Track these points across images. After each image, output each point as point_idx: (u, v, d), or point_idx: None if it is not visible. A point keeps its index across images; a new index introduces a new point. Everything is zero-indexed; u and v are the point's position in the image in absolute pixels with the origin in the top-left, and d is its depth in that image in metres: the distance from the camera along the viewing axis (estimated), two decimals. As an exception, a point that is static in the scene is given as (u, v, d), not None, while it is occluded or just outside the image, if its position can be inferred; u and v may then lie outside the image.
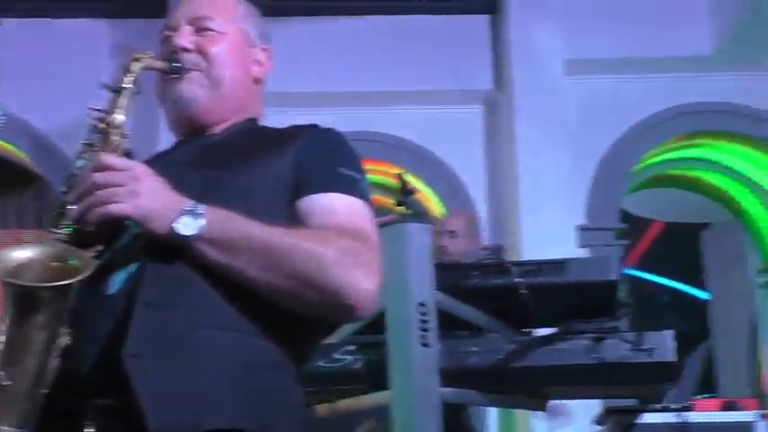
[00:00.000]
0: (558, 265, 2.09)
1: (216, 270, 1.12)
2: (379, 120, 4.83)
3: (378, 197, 4.11)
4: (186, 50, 1.32)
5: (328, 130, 1.32)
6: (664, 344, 2.12)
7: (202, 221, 1.11)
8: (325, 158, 1.27)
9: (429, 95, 4.90)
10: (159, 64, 1.30)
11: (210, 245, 1.12)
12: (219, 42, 1.34)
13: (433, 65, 4.90)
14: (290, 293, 1.13)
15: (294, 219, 1.21)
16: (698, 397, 3.61)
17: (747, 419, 2.97)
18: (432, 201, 4.99)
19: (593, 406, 3.31)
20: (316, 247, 1.13)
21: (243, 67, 1.37)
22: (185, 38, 1.33)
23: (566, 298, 2.15)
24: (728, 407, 3.04)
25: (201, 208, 1.12)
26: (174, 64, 1.30)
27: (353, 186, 1.25)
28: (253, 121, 1.39)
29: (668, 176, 5.38)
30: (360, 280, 1.13)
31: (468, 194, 4.87)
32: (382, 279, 1.18)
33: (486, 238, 4.80)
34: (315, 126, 1.32)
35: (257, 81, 1.40)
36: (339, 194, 1.23)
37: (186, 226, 1.11)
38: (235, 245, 1.12)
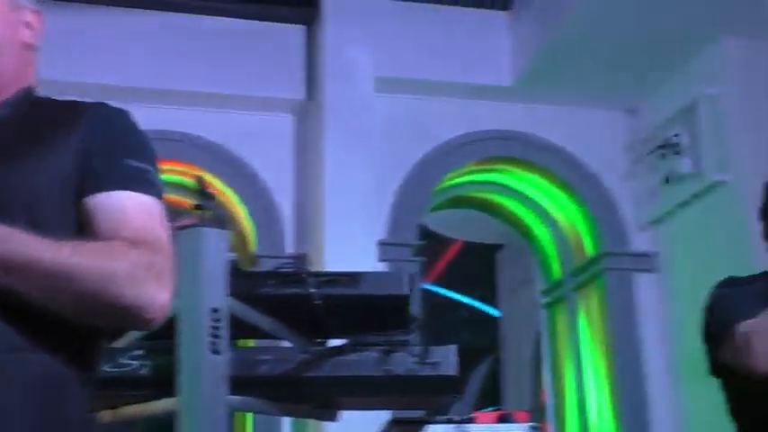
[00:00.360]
0: (353, 277, 2.12)
1: None
2: (187, 120, 4.73)
3: (178, 198, 4.01)
4: None
5: (117, 113, 1.23)
6: (448, 358, 2.20)
7: None
8: (113, 149, 1.18)
9: (241, 100, 4.85)
10: None
11: None
12: None
13: (247, 70, 4.85)
14: (81, 312, 1.08)
15: (82, 217, 1.14)
16: (486, 410, 3.78)
17: (520, 431, 3.16)
18: (237, 206, 4.93)
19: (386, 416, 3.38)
20: (106, 263, 1.07)
21: (10, 33, 1.24)
22: None
23: (359, 310, 2.19)
24: (504, 419, 3.22)
25: None
26: None
27: (145, 181, 1.18)
28: (28, 92, 1.26)
29: (467, 198, 5.60)
30: (154, 293, 1.09)
31: (273, 202, 4.84)
32: (175, 284, 1.15)
33: (290, 247, 4.81)
34: (101, 106, 1.23)
35: (28, 46, 1.27)
36: (129, 193, 1.16)
37: None
38: (15, 269, 1.03)
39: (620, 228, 5.13)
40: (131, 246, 1.10)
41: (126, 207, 1.15)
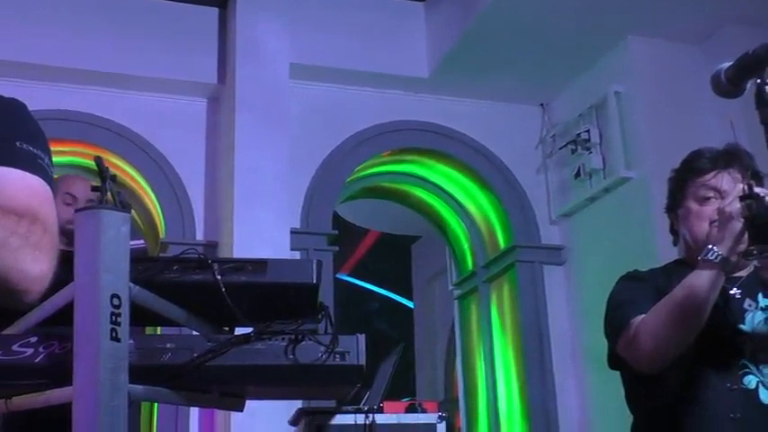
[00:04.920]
0: (259, 264, 2.07)
1: None
2: (95, 101, 4.60)
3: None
4: None
5: (10, 102, 1.24)
6: (356, 348, 2.18)
7: None
8: (6, 134, 1.19)
9: (151, 82, 4.74)
10: None
11: None
12: None
13: (158, 52, 4.74)
14: None
15: None
16: (400, 400, 3.79)
17: (430, 421, 3.17)
18: (146, 191, 4.81)
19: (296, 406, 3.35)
20: None
21: None
22: None
23: (266, 298, 2.15)
24: (413, 409, 3.22)
25: None
26: None
27: (35, 164, 1.19)
28: None
29: (382, 188, 5.61)
30: (26, 262, 1.07)
31: (184, 187, 4.75)
32: (74, 267, 1.14)
33: (200, 234, 4.72)
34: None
35: None
36: (17, 170, 1.16)
37: None
38: None
39: (531, 221, 5.22)
40: (5, 214, 1.09)
41: (8, 181, 1.14)
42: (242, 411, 2.36)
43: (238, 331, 2.23)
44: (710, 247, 1.72)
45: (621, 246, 4.50)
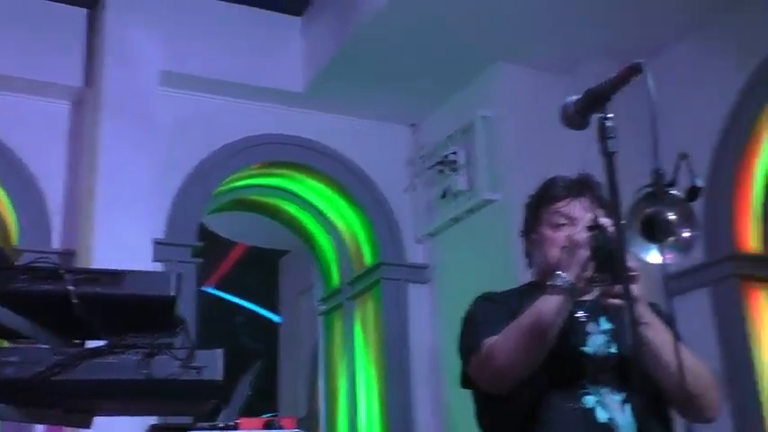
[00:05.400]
0: (115, 275, 2.01)
1: None
2: None
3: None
4: None
5: None
6: (214, 362, 2.14)
7: None
8: None
9: (12, 82, 4.52)
10: None
11: None
12: None
13: (22, 50, 4.53)
14: None
15: None
16: (263, 416, 3.74)
17: (285, 438, 3.13)
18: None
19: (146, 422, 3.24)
20: None
21: None
22: None
23: (121, 310, 2.08)
24: (270, 426, 3.18)
25: None
26: None
27: None
28: None
29: (251, 201, 5.54)
30: None
31: (41, 192, 4.54)
32: None
33: (57, 242, 4.53)
34: None
35: None
36: None
37: None
38: None
39: (397, 239, 5.29)
40: None
41: None
42: (89, 428, 2.27)
43: (92, 345, 2.15)
44: (559, 273, 1.79)
45: (483, 266, 4.62)
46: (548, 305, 1.78)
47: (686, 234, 1.72)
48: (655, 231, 1.69)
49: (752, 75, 4.32)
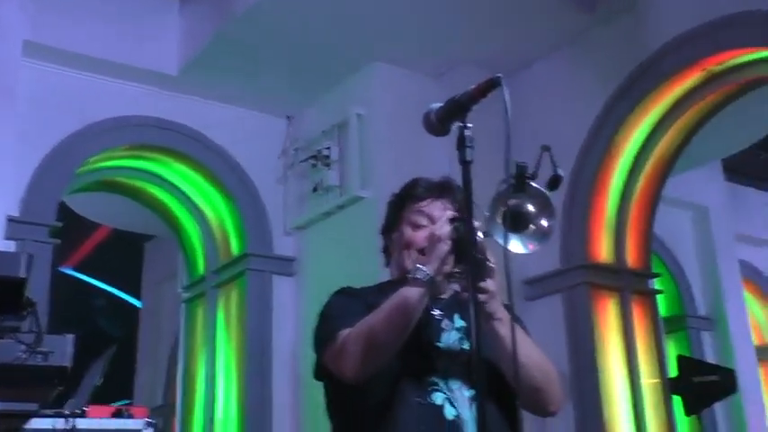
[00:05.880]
0: (-42, 253, 1.91)
1: None
2: None
3: None
4: None
5: None
6: (63, 348, 2.08)
7: None
8: None
9: None
10: None
11: None
12: None
13: None
14: None
15: None
16: (117, 404, 3.62)
17: (136, 427, 3.07)
18: None
19: None
20: None
21: None
22: None
23: (-36, 289, 1.99)
24: (119, 414, 3.10)
25: None
26: None
27: None
28: None
29: (116, 183, 5.38)
30: None
31: None
32: None
33: None
34: None
35: None
36: None
37: None
38: None
39: (266, 230, 5.26)
40: None
41: None
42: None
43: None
44: (419, 266, 1.82)
45: (350, 261, 4.65)
46: (408, 296, 1.80)
47: (545, 223, 1.76)
48: (515, 222, 1.73)
49: (613, 93, 4.57)
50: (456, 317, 2.00)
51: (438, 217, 1.99)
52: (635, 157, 4.66)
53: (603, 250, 4.67)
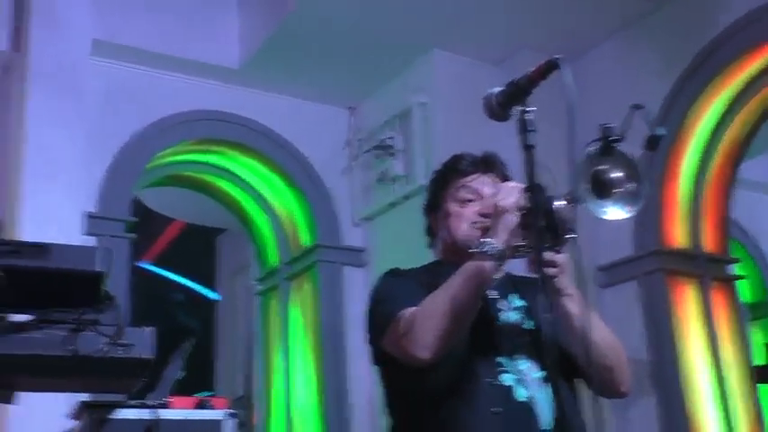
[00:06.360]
0: (40, 248, 1.98)
1: None
2: None
3: None
4: None
5: None
6: (143, 340, 2.12)
7: None
8: None
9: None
10: None
11: None
12: None
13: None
14: None
15: None
16: (199, 395, 3.71)
17: (217, 417, 3.14)
18: None
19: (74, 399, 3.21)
20: None
21: None
22: None
23: (47, 285, 2.05)
24: (201, 406, 3.18)
25: None
26: None
27: None
28: None
29: (186, 178, 5.46)
30: None
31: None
32: None
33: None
34: None
35: None
36: None
37: None
38: None
39: (335, 221, 5.29)
40: None
41: None
42: (10, 404, 2.24)
43: (14, 318, 2.12)
44: (486, 240, 1.75)
45: (418, 251, 4.61)
46: (480, 268, 1.73)
47: (633, 187, 1.69)
48: (603, 187, 1.67)
49: (681, 74, 4.44)
50: (512, 297, 1.95)
51: (487, 193, 1.96)
52: (707, 139, 4.52)
53: (678, 235, 4.55)
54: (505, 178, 2.02)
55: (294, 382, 5.19)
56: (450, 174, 2.07)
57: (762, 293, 6.76)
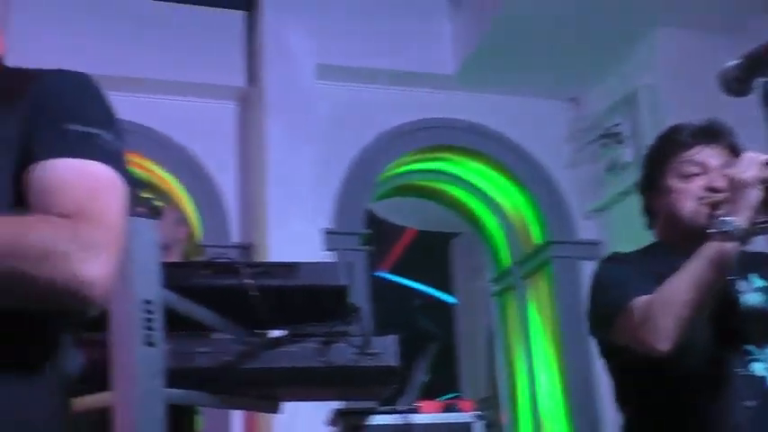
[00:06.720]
0: (289, 268, 2.10)
1: None
2: (126, 106, 4.56)
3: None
4: None
5: (65, 76, 1.11)
6: (389, 348, 2.20)
7: None
8: (54, 113, 1.06)
9: (181, 86, 4.78)
10: None
11: None
12: None
13: (187, 56, 4.78)
14: (3, 296, 0.98)
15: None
16: (443, 398, 3.79)
17: (465, 420, 3.18)
18: (181, 195, 4.88)
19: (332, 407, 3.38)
20: (16, 241, 0.96)
21: None
22: None
23: (296, 301, 2.18)
24: (450, 409, 3.23)
25: None
26: None
27: (87, 146, 1.06)
28: None
29: (415, 186, 5.60)
30: (77, 267, 0.98)
31: (218, 191, 4.80)
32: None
33: (235, 237, 4.78)
34: (53, 71, 1.11)
35: None
36: (67, 159, 1.04)
37: None
38: None
39: (565, 216, 5.19)
40: (54, 218, 1.01)
41: (57, 175, 1.03)
42: (276, 413, 2.40)
43: (270, 335, 2.28)
44: (726, 218, 1.60)
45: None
46: (718, 254, 1.58)
47: None
48: None
49: None
50: (752, 276, 1.78)
51: (713, 165, 1.80)
52: None
53: None
54: (732, 149, 1.85)
55: (539, 381, 5.14)
56: (669, 147, 1.89)
57: None
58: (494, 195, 5.46)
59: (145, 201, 1.83)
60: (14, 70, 1.16)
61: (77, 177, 1.04)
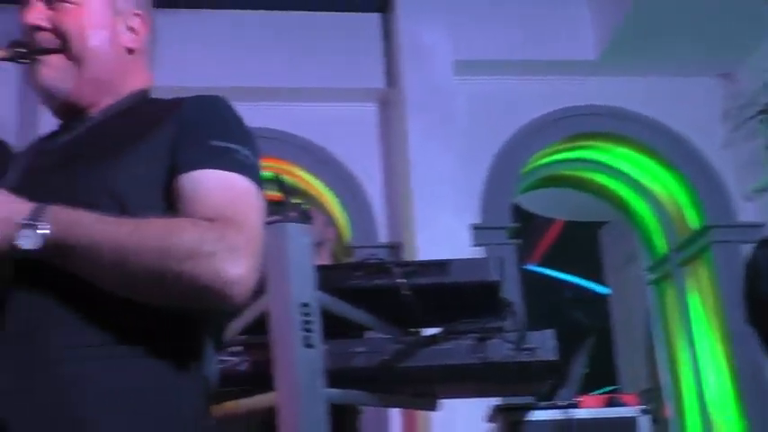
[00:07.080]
0: (440, 265, 2.10)
1: (82, 283, 1.04)
2: (270, 116, 4.74)
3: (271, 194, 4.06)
4: (40, 29, 1.20)
5: (204, 99, 1.21)
6: (545, 343, 2.16)
7: (45, 232, 1.02)
8: (196, 132, 1.16)
9: (322, 93, 4.88)
10: (1, 53, 1.19)
11: (59, 256, 1.04)
12: (76, 14, 1.21)
13: (326, 62, 4.87)
14: (146, 292, 1.06)
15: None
16: (601, 391, 3.70)
17: (630, 414, 3.08)
18: (328, 198, 4.98)
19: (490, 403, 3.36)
20: (167, 238, 1.04)
21: (110, 38, 1.25)
22: (36, 14, 1.21)
23: (448, 298, 2.17)
24: (613, 403, 3.13)
25: (44, 216, 1.03)
26: (19, 49, 1.20)
27: (229, 159, 1.14)
28: (139, 94, 1.28)
29: (560, 177, 5.49)
30: (221, 267, 1.04)
31: (364, 193, 4.87)
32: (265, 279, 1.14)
33: (383, 237, 4.84)
34: (193, 97, 1.21)
35: (132, 51, 1.28)
36: (210, 170, 1.12)
37: (27, 239, 1.02)
38: (83, 252, 1.03)
39: (723, 198, 4.95)
40: (200, 220, 1.08)
41: (203, 185, 1.11)
42: (434, 410, 2.41)
43: (424, 332, 2.28)
44: None
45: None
46: None
47: None
48: None
49: None
50: None
51: None
52: None
53: None
54: None
55: (705, 372, 4.92)
56: None
57: None
58: (644, 181, 5.27)
59: (295, 206, 1.87)
60: (160, 100, 1.27)
61: (219, 186, 1.12)
